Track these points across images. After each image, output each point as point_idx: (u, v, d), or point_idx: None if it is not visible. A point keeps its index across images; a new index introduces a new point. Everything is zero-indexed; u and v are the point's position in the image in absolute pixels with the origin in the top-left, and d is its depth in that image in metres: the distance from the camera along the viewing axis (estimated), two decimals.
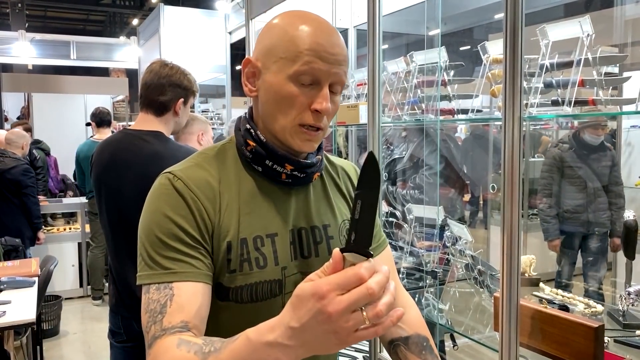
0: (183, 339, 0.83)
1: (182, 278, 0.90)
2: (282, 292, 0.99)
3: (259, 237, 0.98)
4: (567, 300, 1.53)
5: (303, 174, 1.02)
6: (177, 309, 0.88)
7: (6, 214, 4.43)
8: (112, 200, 1.97)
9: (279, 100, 0.95)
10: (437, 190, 2.20)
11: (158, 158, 1.85)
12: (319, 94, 0.94)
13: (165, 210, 0.94)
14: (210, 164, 1.01)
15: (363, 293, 0.65)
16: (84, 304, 5.38)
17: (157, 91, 1.96)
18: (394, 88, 2.03)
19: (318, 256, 1.04)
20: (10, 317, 2.52)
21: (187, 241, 0.92)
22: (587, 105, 1.41)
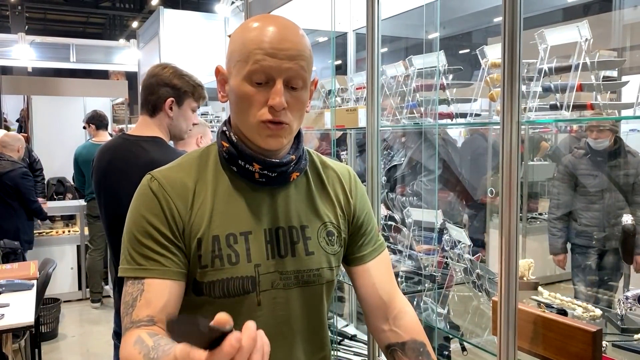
0: (140, 337, 0.89)
1: (152, 275, 0.97)
2: (256, 289, 1.01)
3: (232, 234, 1.01)
4: (565, 304, 1.53)
5: (274, 173, 1.04)
6: (144, 304, 0.95)
7: (3, 217, 4.42)
8: (111, 206, 1.98)
9: (239, 102, 0.99)
10: (435, 194, 2.20)
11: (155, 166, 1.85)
12: (272, 90, 0.96)
13: (141, 210, 1.00)
14: (192, 164, 1.06)
15: None
16: (83, 306, 5.37)
17: (148, 91, 1.98)
18: (392, 92, 2.03)
19: (295, 256, 1.05)
20: (9, 320, 2.52)
21: (159, 239, 0.98)
22: (585, 109, 1.42)
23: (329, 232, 1.10)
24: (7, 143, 4.64)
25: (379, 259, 1.17)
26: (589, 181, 3.33)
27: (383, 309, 1.15)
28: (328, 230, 1.10)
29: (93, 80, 8.92)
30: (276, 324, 1.03)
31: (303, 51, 0.98)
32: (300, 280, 1.05)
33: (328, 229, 1.10)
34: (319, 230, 1.09)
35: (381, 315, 1.16)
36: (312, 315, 1.09)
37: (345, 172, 1.19)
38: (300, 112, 1.02)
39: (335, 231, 1.11)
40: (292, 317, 1.05)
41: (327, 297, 1.12)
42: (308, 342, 1.09)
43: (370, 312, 1.17)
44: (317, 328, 1.11)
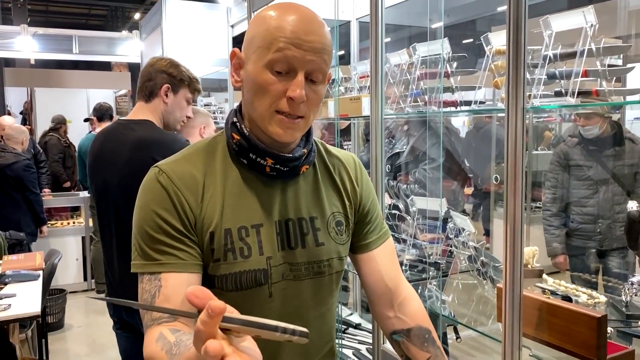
0: (162, 334, 0.87)
1: (168, 269, 0.95)
2: (267, 281, 1.01)
3: (244, 227, 1.00)
4: (570, 291, 1.54)
5: (286, 168, 1.03)
6: (164, 300, 0.93)
7: (7, 209, 4.44)
8: (103, 188, 2.02)
9: (256, 89, 0.97)
10: (439, 182, 2.20)
11: (142, 144, 1.91)
12: (293, 82, 0.94)
13: (151, 204, 0.98)
14: (199, 156, 1.04)
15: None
16: (89, 297, 5.40)
17: (145, 77, 2.06)
18: (396, 80, 2.03)
19: (305, 247, 1.05)
20: (15, 310, 2.53)
21: (171, 233, 0.96)
22: (590, 96, 1.41)
23: (338, 222, 1.10)
24: (11, 136, 4.65)
25: (384, 246, 1.17)
26: (582, 172, 3.00)
27: (388, 296, 1.16)
28: (337, 220, 1.10)
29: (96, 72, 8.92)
30: (287, 314, 1.03)
31: (327, 45, 0.97)
32: (310, 272, 1.05)
33: (337, 219, 1.10)
34: (329, 220, 1.09)
35: (386, 302, 1.16)
36: (322, 306, 1.09)
37: (350, 159, 1.18)
38: (317, 106, 1.01)
39: (344, 220, 1.11)
40: (303, 307, 1.05)
41: (336, 287, 1.12)
42: (318, 333, 1.09)
43: (376, 299, 1.17)
44: (326, 318, 1.11)
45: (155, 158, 1.87)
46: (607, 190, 2.95)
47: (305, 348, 1.07)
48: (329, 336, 1.14)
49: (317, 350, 1.11)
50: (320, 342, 1.11)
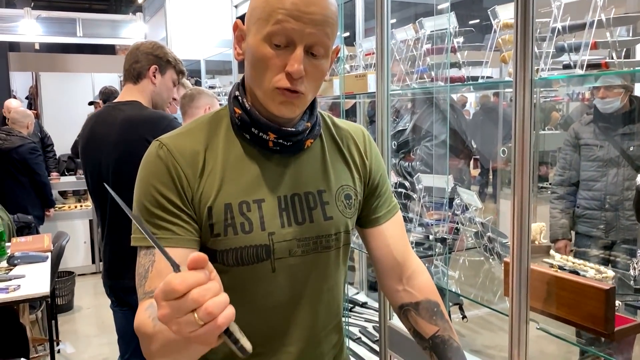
0: (152, 304, 0.87)
1: (163, 244, 0.93)
2: (270, 257, 0.99)
3: (245, 202, 0.99)
4: (577, 266, 1.53)
5: (289, 142, 1.01)
6: (156, 274, 0.93)
7: (14, 192, 4.48)
8: (96, 171, 2.04)
9: (256, 63, 0.95)
10: (446, 159, 2.19)
11: (131, 123, 1.94)
12: (292, 56, 0.92)
13: (149, 178, 0.97)
14: (201, 130, 1.02)
15: (180, 306, 0.65)
16: (97, 280, 5.45)
17: (132, 59, 2.09)
18: (402, 57, 2.01)
19: (312, 222, 1.03)
20: (25, 291, 2.56)
21: (169, 208, 0.95)
22: (600, 68, 1.39)
23: (346, 196, 1.08)
24: (17, 120, 4.67)
25: (393, 220, 1.16)
26: (592, 152, 2.75)
27: (397, 270, 1.15)
28: (346, 193, 1.08)
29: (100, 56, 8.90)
30: (294, 289, 1.03)
31: (329, 17, 0.93)
32: (319, 246, 1.04)
33: (346, 192, 1.08)
34: (337, 193, 1.07)
35: (395, 276, 1.16)
36: (330, 280, 1.08)
37: (359, 132, 1.16)
38: (318, 81, 0.98)
39: (353, 194, 1.10)
40: (309, 282, 1.04)
41: (343, 261, 1.11)
42: (326, 307, 1.09)
43: (384, 273, 1.16)
44: (334, 293, 1.11)
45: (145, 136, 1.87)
46: (617, 173, 2.68)
47: (312, 321, 1.07)
48: (337, 311, 1.13)
49: (324, 325, 1.10)
50: (328, 316, 1.10)
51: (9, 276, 2.73)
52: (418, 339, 1.14)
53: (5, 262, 2.93)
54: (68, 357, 3.81)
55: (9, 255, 2.99)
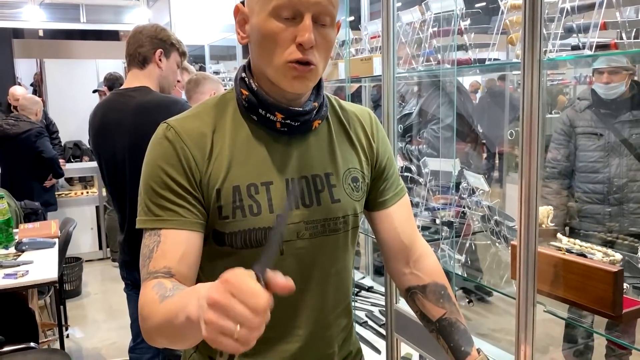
0: (159, 282, 0.89)
1: (169, 225, 0.94)
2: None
3: (253, 184, 0.98)
4: (585, 249, 1.52)
5: (297, 122, 1.00)
6: (161, 255, 0.93)
7: (22, 178, 4.50)
8: (112, 159, 2.04)
9: (264, 40, 0.94)
10: (453, 142, 2.17)
11: (144, 110, 1.93)
12: (301, 27, 0.91)
13: (157, 160, 0.97)
14: (209, 113, 1.02)
15: (244, 317, 0.65)
16: (104, 265, 5.50)
17: (136, 44, 2.08)
18: (408, 39, 1.99)
19: (320, 204, 1.03)
20: (33, 277, 2.58)
21: (175, 190, 0.95)
22: (609, 49, 1.37)
23: (353, 178, 1.08)
24: (26, 106, 4.68)
25: (400, 203, 1.16)
26: (591, 142, 2.53)
27: (404, 253, 1.15)
28: (353, 176, 1.08)
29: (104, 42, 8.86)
30: (302, 272, 1.03)
31: None
32: (326, 229, 1.04)
33: (353, 175, 1.08)
34: (344, 176, 1.07)
35: (402, 259, 1.15)
36: (338, 263, 1.08)
37: (366, 114, 1.15)
38: (327, 52, 0.97)
39: (360, 177, 1.09)
40: (317, 264, 1.04)
41: (352, 243, 1.11)
42: (335, 290, 1.09)
43: (392, 256, 1.16)
44: (343, 275, 1.11)
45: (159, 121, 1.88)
46: (620, 163, 2.46)
47: (321, 304, 1.07)
48: (346, 294, 1.13)
49: (333, 307, 1.10)
50: (337, 299, 1.10)
51: (17, 262, 2.74)
52: (425, 321, 1.15)
53: (14, 248, 2.95)
54: (77, 342, 3.85)
55: (17, 241, 3.01)
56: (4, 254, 2.89)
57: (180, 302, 0.79)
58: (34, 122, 4.61)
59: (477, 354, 1.07)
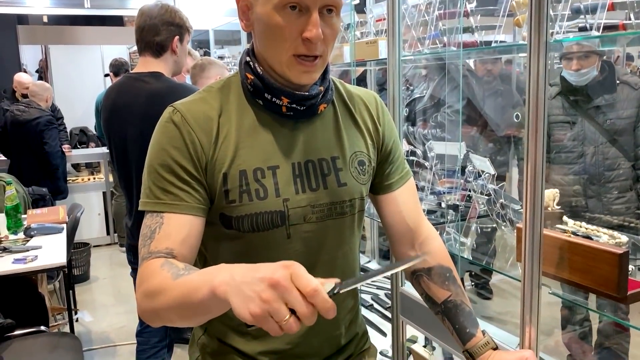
0: (168, 261, 0.89)
1: (171, 209, 0.95)
2: (285, 223, 1.00)
3: (260, 169, 0.99)
4: (591, 232, 1.52)
5: (303, 107, 1.00)
6: (164, 236, 0.94)
7: (30, 164, 4.52)
8: (122, 143, 2.04)
9: (269, 33, 0.93)
10: (459, 127, 2.16)
11: (157, 97, 1.92)
12: (308, 21, 0.90)
13: (163, 143, 0.97)
14: (214, 97, 1.02)
15: (300, 303, 0.66)
16: (112, 251, 5.55)
17: (152, 32, 2.02)
18: (414, 22, 1.97)
19: (326, 188, 1.03)
20: (42, 261, 2.60)
21: (179, 174, 0.96)
22: (616, 30, 1.36)
23: (360, 162, 1.08)
24: (36, 92, 4.71)
25: (405, 187, 1.16)
26: (564, 131, 2.37)
27: (410, 236, 1.15)
28: (359, 159, 1.08)
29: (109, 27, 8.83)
30: (309, 255, 1.03)
31: None
32: (333, 212, 1.04)
33: (359, 159, 1.08)
34: (350, 160, 1.07)
35: (407, 242, 1.16)
36: (345, 246, 1.09)
37: (372, 98, 1.15)
38: (333, 40, 0.97)
39: (366, 160, 1.10)
40: (325, 248, 1.05)
41: (358, 226, 1.12)
42: (342, 272, 1.10)
43: (397, 239, 1.17)
44: (349, 258, 1.12)
45: None
46: (596, 152, 2.30)
47: None
48: (353, 275, 1.14)
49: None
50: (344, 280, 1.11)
51: (26, 247, 2.77)
52: (430, 304, 1.15)
53: (22, 234, 2.98)
54: (86, 326, 3.90)
55: (25, 227, 3.03)
56: (13, 240, 2.92)
57: (201, 277, 0.79)
58: (44, 110, 4.63)
59: (482, 335, 1.08)
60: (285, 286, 0.66)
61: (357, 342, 1.21)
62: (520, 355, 1.02)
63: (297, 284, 0.67)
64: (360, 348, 1.22)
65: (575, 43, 1.91)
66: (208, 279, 0.76)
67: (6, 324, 2.44)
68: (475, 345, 1.07)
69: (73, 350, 2.40)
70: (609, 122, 2.31)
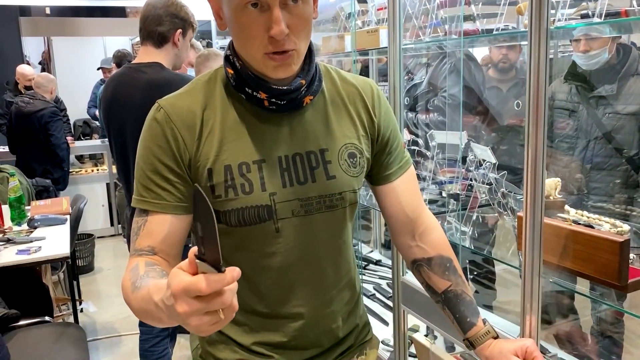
0: (136, 265, 0.92)
1: (153, 208, 0.98)
2: (272, 217, 0.99)
3: (245, 163, 0.98)
4: (593, 220, 1.52)
5: (283, 101, 0.98)
6: (146, 234, 0.97)
7: (33, 156, 4.53)
8: (120, 133, 2.04)
9: (239, 32, 0.92)
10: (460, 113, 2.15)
11: (154, 87, 1.92)
12: (270, 18, 0.88)
13: (147, 142, 0.99)
14: (200, 90, 1.01)
15: (202, 308, 0.66)
16: (116, 242, 5.57)
17: (155, 22, 2.02)
18: (415, 10, 1.96)
19: (315, 181, 1.02)
20: (46, 252, 2.62)
21: (162, 173, 0.97)
22: (619, 17, 1.34)
23: (350, 154, 1.06)
24: (41, 84, 4.72)
25: (405, 176, 1.14)
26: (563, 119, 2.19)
27: (410, 226, 1.15)
28: (350, 152, 1.06)
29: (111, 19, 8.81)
30: (299, 249, 1.03)
31: None
32: (322, 206, 1.03)
33: (350, 151, 1.06)
34: (340, 152, 1.05)
35: (408, 232, 1.15)
36: (336, 238, 1.08)
37: (367, 87, 1.12)
38: (306, 29, 0.94)
39: (357, 152, 1.07)
40: (315, 241, 1.04)
41: (350, 219, 1.10)
42: (334, 265, 1.09)
43: (397, 229, 1.16)
44: (342, 250, 1.10)
45: None
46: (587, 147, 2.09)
47: (321, 280, 1.07)
48: (347, 268, 1.13)
49: (334, 283, 1.10)
50: (337, 275, 1.10)
51: (30, 238, 2.79)
52: (431, 293, 1.15)
53: (26, 225, 2.99)
54: (91, 316, 3.93)
55: (29, 218, 3.05)
56: (16, 231, 2.93)
57: (147, 295, 0.80)
58: (48, 102, 4.64)
59: (483, 324, 1.08)
60: (196, 309, 0.66)
61: (358, 334, 1.20)
62: (520, 344, 1.02)
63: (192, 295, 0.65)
64: (361, 339, 1.21)
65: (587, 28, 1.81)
66: (151, 297, 0.78)
67: (11, 315, 2.46)
68: (476, 334, 1.07)
69: (77, 340, 2.41)
70: (608, 115, 2.07)
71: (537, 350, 1.02)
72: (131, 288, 0.87)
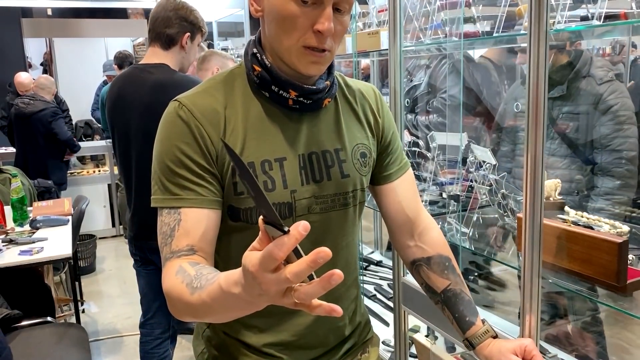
0: (182, 267, 0.89)
1: (188, 204, 0.95)
2: (292, 214, 1.01)
3: (267, 161, 0.99)
4: (592, 221, 1.52)
5: (309, 100, 1.01)
6: (183, 233, 0.94)
7: (35, 157, 4.55)
8: (124, 132, 2.05)
9: (281, 21, 0.93)
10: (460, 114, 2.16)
11: (161, 88, 1.93)
12: (322, 14, 0.91)
13: (172, 139, 0.97)
14: (218, 89, 1.02)
15: (283, 279, 0.66)
16: (118, 242, 5.58)
17: (164, 23, 2.02)
18: (416, 12, 1.97)
19: (330, 179, 1.05)
20: (48, 253, 2.63)
21: (192, 168, 0.96)
22: (618, 19, 1.35)
23: (362, 154, 1.10)
24: (44, 85, 4.76)
25: (404, 177, 1.17)
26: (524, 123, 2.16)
27: (409, 226, 1.17)
28: (361, 151, 1.10)
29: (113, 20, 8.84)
30: (313, 246, 1.03)
31: None
32: (337, 203, 1.06)
33: (361, 151, 1.10)
34: (353, 152, 1.08)
35: (407, 232, 1.17)
36: (347, 236, 1.11)
37: (371, 91, 1.17)
38: (341, 37, 0.98)
39: (367, 152, 1.11)
40: (328, 239, 1.06)
41: (358, 217, 1.14)
42: (345, 262, 1.11)
43: (396, 229, 1.18)
44: (351, 249, 1.13)
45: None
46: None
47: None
48: (354, 266, 1.16)
49: (343, 281, 1.11)
50: (346, 272, 1.12)
51: (32, 239, 2.80)
52: (430, 293, 1.16)
53: (28, 226, 3.01)
54: (92, 316, 3.94)
55: (31, 219, 3.06)
56: (19, 232, 2.94)
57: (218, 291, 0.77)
58: (49, 102, 4.66)
59: (482, 324, 1.09)
60: (277, 280, 0.66)
61: (360, 332, 1.22)
62: (519, 344, 1.03)
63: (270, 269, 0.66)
64: (363, 338, 1.23)
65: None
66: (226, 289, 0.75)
67: (13, 315, 2.47)
68: (475, 334, 1.08)
69: (80, 341, 2.42)
70: (562, 116, 2.05)
71: (536, 349, 1.03)
72: (189, 290, 0.83)
